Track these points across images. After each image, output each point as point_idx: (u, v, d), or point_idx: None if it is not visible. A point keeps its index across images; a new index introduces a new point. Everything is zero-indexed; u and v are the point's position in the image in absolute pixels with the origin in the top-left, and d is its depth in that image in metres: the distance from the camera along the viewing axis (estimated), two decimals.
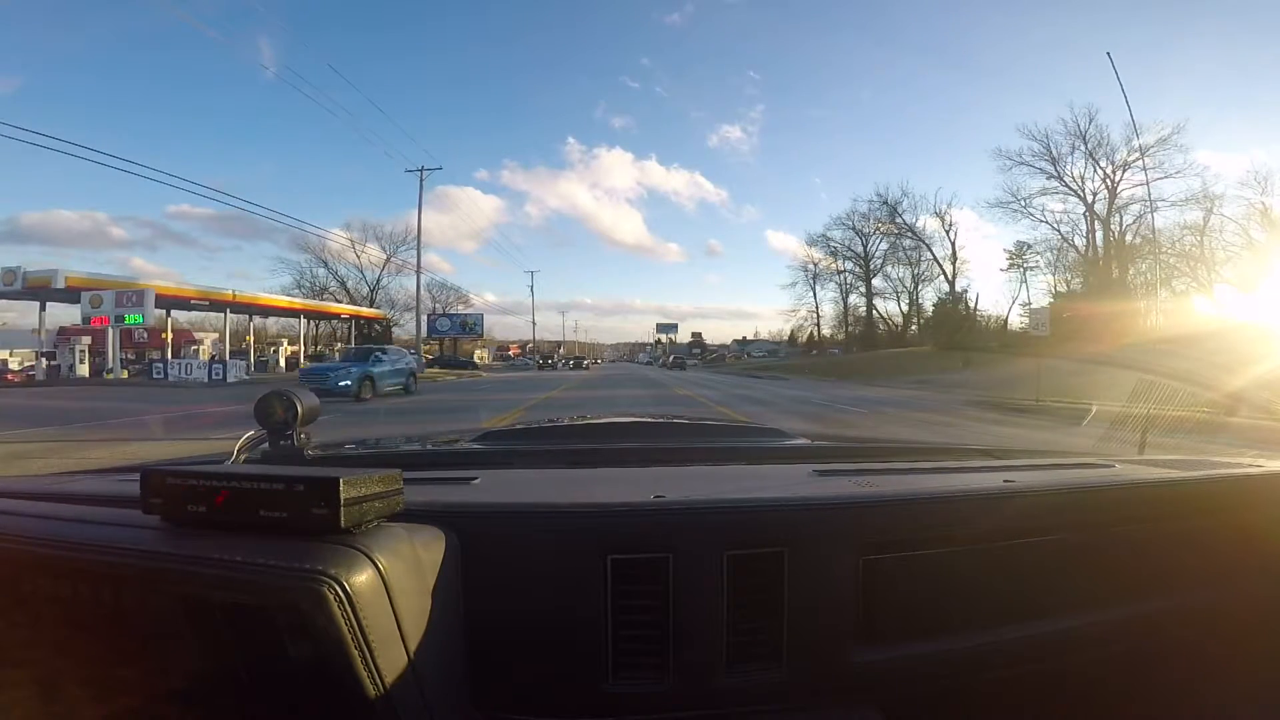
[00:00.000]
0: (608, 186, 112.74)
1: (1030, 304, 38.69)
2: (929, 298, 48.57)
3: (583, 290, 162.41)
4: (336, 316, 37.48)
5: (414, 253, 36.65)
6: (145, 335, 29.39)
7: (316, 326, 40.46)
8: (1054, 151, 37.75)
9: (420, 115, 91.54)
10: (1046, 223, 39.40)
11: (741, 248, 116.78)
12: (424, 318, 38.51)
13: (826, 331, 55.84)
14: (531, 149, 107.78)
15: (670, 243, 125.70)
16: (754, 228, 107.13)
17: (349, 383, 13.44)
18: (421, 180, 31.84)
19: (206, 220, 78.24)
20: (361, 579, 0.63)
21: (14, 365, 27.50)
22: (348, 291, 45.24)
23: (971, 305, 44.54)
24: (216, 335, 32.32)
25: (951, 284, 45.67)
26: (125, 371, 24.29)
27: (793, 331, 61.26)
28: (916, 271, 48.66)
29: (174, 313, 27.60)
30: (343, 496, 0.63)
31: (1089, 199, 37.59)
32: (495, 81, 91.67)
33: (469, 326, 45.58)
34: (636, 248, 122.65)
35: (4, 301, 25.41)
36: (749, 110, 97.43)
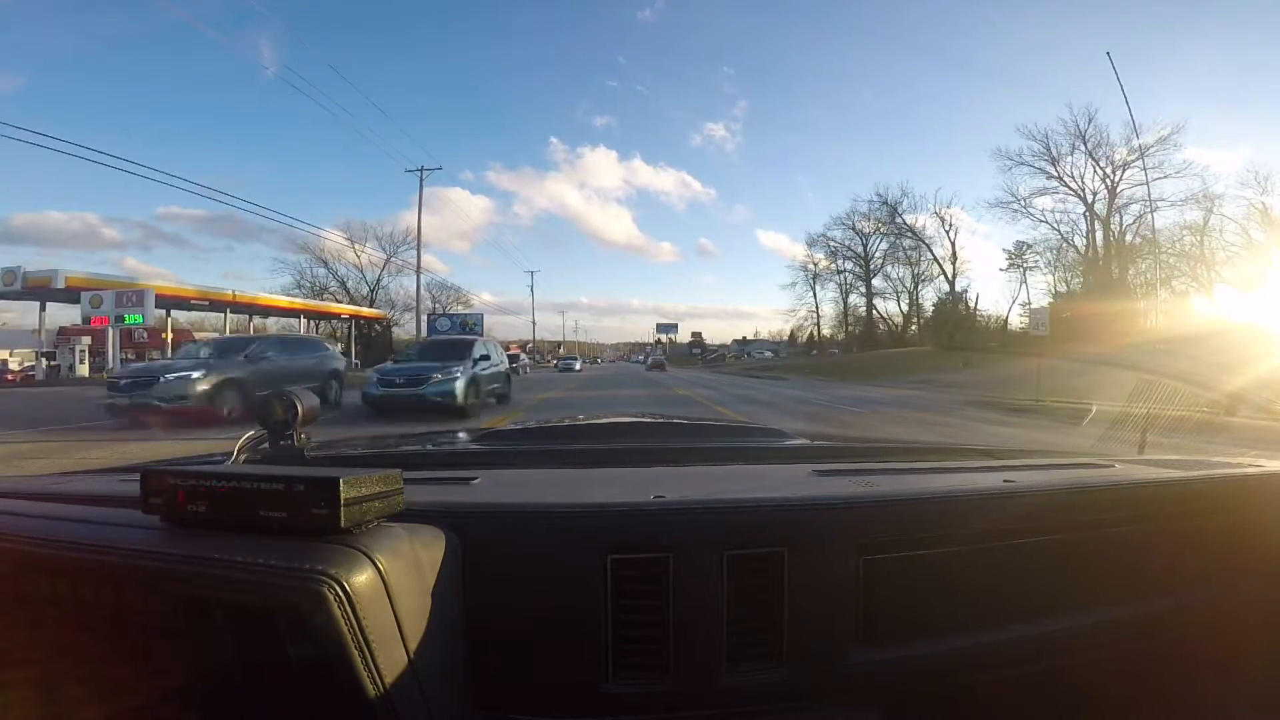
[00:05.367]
0: (596, 186, 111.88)
1: (1030, 304, 38.74)
2: (929, 298, 48.72)
3: (579, 290, 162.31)
4: (336, 316, 37.50)
5: (413, 253, 36.70)
6: (145, 335, 29.34)
7: (316, 326, 40.41)
8: (1054, 151, 37.80)
9: (400, 117, 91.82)
10: (1046, 223, 39.44)
11: (734, 248, 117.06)
12: (424, 318, 38.53)
13: (826, 331, 55.92)
14: (516, 150, 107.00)
15: (663, 242, 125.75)
16: (745, 227, 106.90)
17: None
18: (421, 180, 31.81)
19: (198, 221, 77.85)
20: (361, 579, 0.63)
21: (14, 365, 27.50)
22: (347, 291, 45.27)
23: (971, 305, 44.67)
24: (216, 335, 32.31)
25: (951, 284, 45.74)
26: None
27: (793, 331, 61.40)
28: (916, 271, 48.74)
29: (174, 313, 27.60)
30: (343, 496, 0.63)
31: (1089, 199, 37.63)
32: (474, 82, 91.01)
33: (469, 327, 45.45)
34: (629, 247, 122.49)
35: (4, 301, 25.42)
36: (731, 108, 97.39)
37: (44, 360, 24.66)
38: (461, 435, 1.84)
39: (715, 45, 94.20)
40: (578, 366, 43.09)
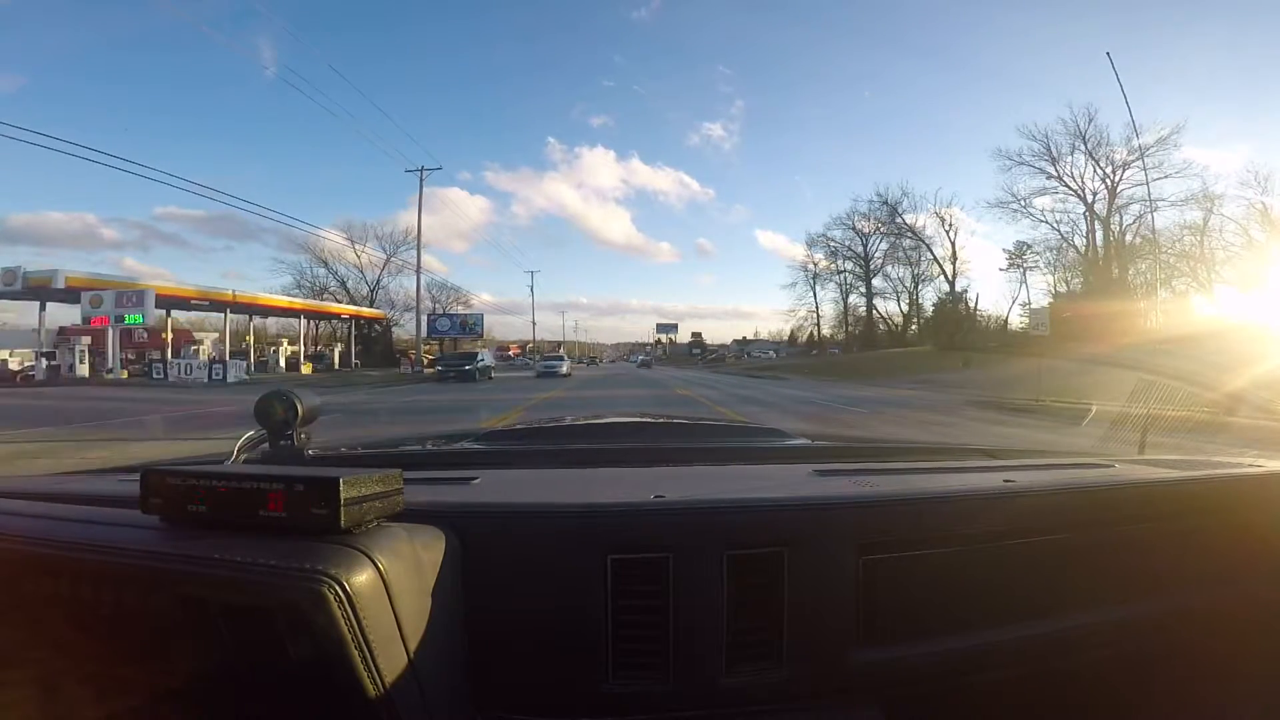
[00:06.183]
0: (594, 186, 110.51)
1: (1030, 304, 38.77)
2: (929, 298, 48.63)
3: (578, 290, 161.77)
4: (336, 316, 37.52)
5: (412, 253, 36.67)
6: (145, 335, 29.31)
7: (316, 326, 40.49)
8: (1054, 151, 37.77)
9: (398, 117, 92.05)
10: (1046, 222, 39.41)
11: (733, 248, 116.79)
12: (424, 318, 38.47)
13: (826, 331, 55.90)
14: (513, 149, 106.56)
15: (662, 242, 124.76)
16: (744, 227, 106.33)
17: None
18: (421, 179, 31.87)
19: (196, 221, 78.14)
20: (361, 579, 0.63)
21: (14, 365, 27.49)
22: (347, 291, 45.28)
23: (971, 305, 44.58)
24: (216, 335, 32.27)
25: (951, 284, 45.69)
26: (125, 371, 24.31)
27: (793, 331, 61.47)
28: (916, 271, 48.71)
29: (174, 313, 27.62)
30: (343, 496, 0.63)
31: (1089, 199, 37.61)
32: (470, 82, 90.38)
33: (469, 326, 45.53)
34: (628, 247, 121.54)
35: (4, 301, 25.44)
36: (729, 108, 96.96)
37: (44, 360, 24.63)
38: (461, 435, 1.84)
39: (712, 45, 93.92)
40: (564, 369, 31.38)
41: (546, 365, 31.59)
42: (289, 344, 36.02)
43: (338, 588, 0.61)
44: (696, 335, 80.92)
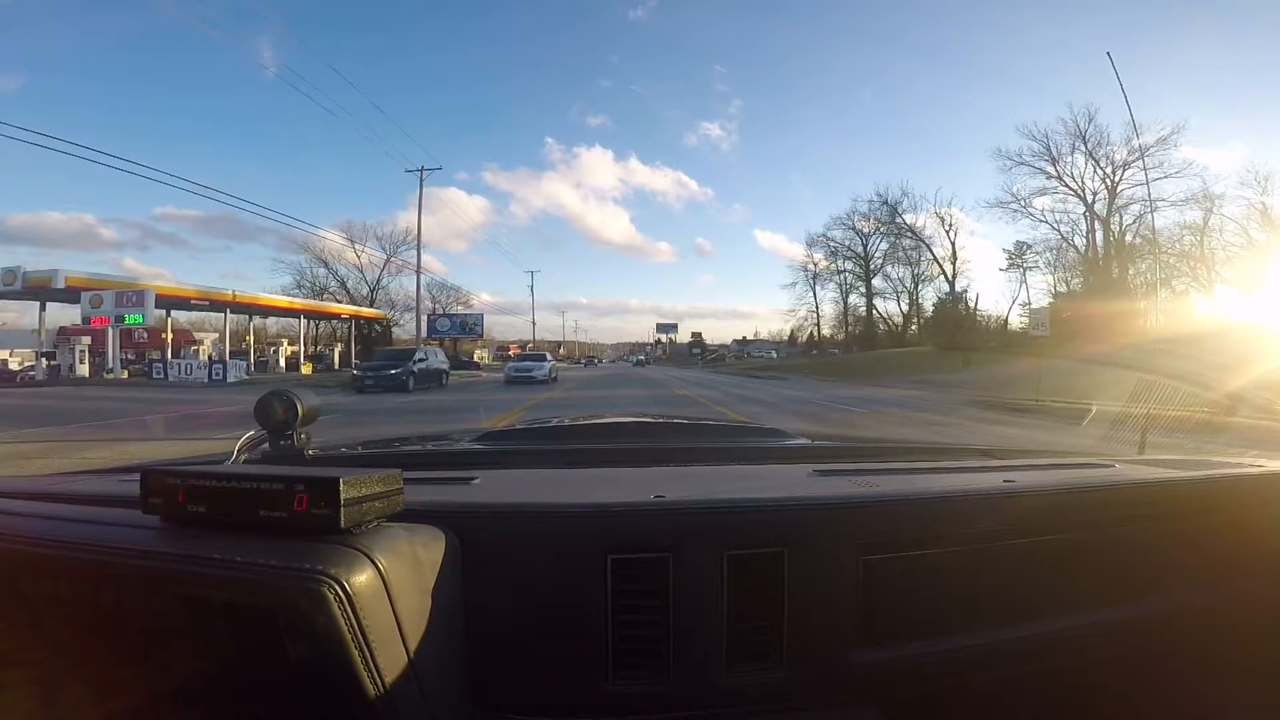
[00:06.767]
0: (593, 186, 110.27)
1: (1030, 304, 38.78)
2: (929, 298, 48.74)
3: (577, 290, 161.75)
4: (336, 316, 37.46)
5: (412, 253, 36.63)
6: (145, 335, 29.33)
7: (316, 326, 40.48)
8: (1054, 151, 37.81)
9: (396, 117, 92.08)
10: (1046, 222, 39.48)
11: (732, 248, 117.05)
12: (424, 318, 38.41)
13: (826, 331, 55.97)
14: (512, 150, 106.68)
15: (660, 242, 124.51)
16: (743, 227, 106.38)
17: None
18: (422, 179, 31.79)
19: (195, 221, 78.68)
20: (361, 579, 0.63)
21: (14, 365, 27.48)
22: (348, 291, 45.25)
23: (971, 305, 44.57)
24: (216, 335, 32.25)
25: (951, 284, 45.75)
26: (125, 371, 24.29)
27: (793, 331, 61.55)
28: (916, 271, 48.80)
29: (174, 313, 27.58)
30: (343, 496, 0.63)
31: (1089, 199, 37.64)
32: (468, 82, 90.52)
33: (469, 326, 45.51)
34: (627, 248, 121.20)
35: (4, 301, 25.43)
36: (727, 107, 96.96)
37: (44, 360, 24.63)
38: (461, 435, 1.84)
39: (710, 45, 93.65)
40: (543, 373, 22.10)
41: (519, 369, 22.55)
42: (289, 344, 35.99)
43: (338, 588, 0.61)
44: (696, 335, 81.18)
